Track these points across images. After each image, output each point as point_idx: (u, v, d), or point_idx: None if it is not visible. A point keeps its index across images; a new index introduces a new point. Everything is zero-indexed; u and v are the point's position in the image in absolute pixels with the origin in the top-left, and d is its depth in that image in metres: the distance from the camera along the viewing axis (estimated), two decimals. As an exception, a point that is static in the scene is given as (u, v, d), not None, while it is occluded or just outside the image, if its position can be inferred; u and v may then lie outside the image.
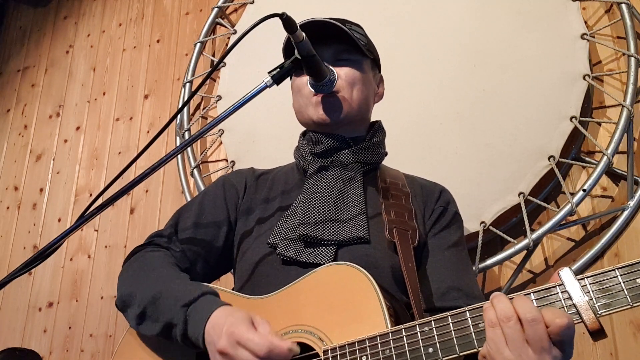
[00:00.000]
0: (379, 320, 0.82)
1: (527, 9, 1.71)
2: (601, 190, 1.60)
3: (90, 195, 2.50)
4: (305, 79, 1.11)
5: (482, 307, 0.73)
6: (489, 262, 1.56)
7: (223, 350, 0.82)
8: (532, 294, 0.72)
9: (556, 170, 1.53)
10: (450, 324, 0.74)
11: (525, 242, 1.51)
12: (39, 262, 0.95)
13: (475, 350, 0.72)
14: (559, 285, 0.71)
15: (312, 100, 1.10)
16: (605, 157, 1.50)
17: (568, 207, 1.49)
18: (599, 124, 1.66)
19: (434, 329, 0.75)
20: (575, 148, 1.63)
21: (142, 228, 2.30)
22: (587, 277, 0.70)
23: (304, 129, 1.22)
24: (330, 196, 1.06)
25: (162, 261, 1.06)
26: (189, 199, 2.12)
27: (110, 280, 2.28)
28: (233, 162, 2.04)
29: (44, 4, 3.12)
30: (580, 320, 0.68)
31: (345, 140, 1.12)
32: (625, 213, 1.51)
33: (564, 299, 0.70)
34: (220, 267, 1.17)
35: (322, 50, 1.10)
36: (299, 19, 1.00)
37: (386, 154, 1.21)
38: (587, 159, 1.62)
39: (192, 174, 2.13)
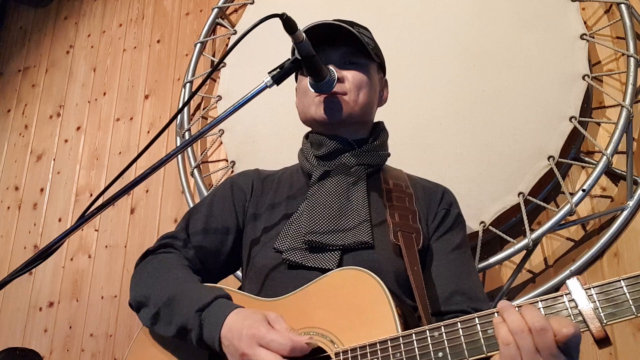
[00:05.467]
0: (389, 324, 0.83)
1: (527, 9, 1.71)
2: (600, 190, 1.60)
3: (91, 195, 2.51)
4: None
5: (491, 314, 0.75)
6: (489, 262, 1.56)
7: (245, 353, 0.83)
8: (539, 302, 0.74)
9: (556, 170, 1.54)
10: (460, 330, 0.76)
11: (524, 242, 1.52)
12: (40, 262, 0.95)
13: (484, 355, 0.74)
14: (566, 294, 0.73)
15: (315, 100, 1.11)
16: (604, 157, 1.50)
17: (567, 207, 1.50)
18: (599, 124, 1.66)
19: (444, 334, 0.77)
20: (574, 148, 1.64)
21: (143, 228, 2.31)
22: (593, 287, 0.72)
23: (304, 129, 1.23)
24: (334, 202, 1.07)
25: (176, 263, 1.08)
26: (189, 199, 2.12)
27: (110, 280, 2.28)
28: (233, 162, 2.04)
29: (45, 4, 3.13)
30: (587, 329, 0.70)
31: (348, 142, 1.13)
32: (625, 213, 1.51)
33: (570, 308, 0.72)
34: (229, 266, 1.19)
35: (330, 52, 1.11)
36: (299, 19, 1.00)
37: (389, 155, 1.22)
38: (586, 159, 1.62)
39: (192, 174, 2.13)
